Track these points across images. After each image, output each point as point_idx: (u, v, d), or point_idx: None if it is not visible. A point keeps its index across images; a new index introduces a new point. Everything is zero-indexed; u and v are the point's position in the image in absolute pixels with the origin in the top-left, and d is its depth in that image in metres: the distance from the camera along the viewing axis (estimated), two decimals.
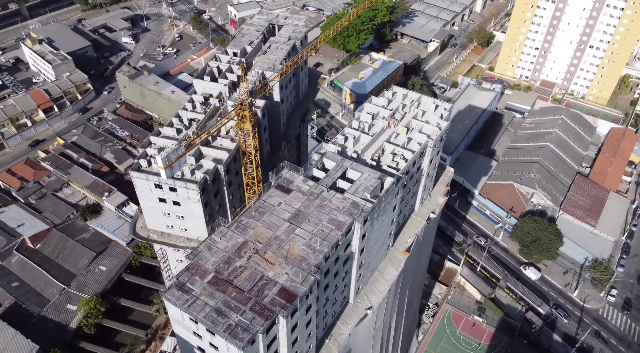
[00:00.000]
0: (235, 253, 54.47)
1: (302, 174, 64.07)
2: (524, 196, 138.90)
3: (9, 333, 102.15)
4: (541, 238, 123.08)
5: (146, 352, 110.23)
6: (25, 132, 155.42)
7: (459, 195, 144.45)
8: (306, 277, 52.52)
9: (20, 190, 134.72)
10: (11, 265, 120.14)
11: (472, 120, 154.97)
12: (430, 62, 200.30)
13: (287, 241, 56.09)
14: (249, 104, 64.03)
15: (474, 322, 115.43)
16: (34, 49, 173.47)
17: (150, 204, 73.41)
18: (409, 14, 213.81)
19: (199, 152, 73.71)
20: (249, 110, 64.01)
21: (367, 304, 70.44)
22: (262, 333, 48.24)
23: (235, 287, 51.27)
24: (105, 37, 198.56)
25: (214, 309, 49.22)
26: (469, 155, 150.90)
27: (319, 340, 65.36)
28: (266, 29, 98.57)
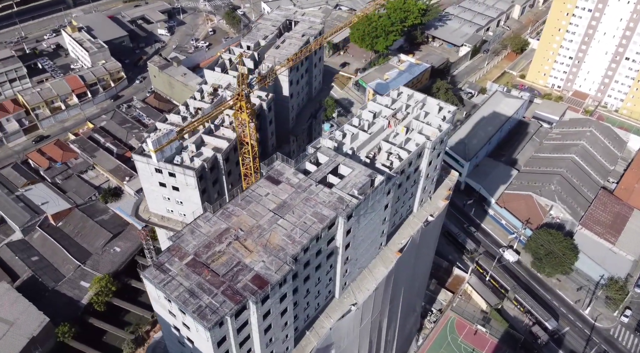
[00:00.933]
0: (216, 238, 56.05)
1: (293, 167, 65.09)
2: (543, 208, 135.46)
3: (23, 305, 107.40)
4: (555, 251, 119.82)
5: (150, 332, 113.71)
6: (59, 115, 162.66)
7: (475, 202, 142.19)
8: (281, 266, 53.53)
9: (48, 169, 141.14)
10: (33, 240, 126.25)
11: (495, 128, 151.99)
12: (460, 67, 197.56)
13: (269, 230, 57.25)
14: (246, 95, 65.48)
15: (476, 329, 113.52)
16: (74, 36, 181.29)
17: (151, 188, 76.10)
18: (442, 17, 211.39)
19: (201, 140, 75.86)
20: (245, 101, 65.46)
21: (352, 300, 70.85)
22: (230, 317, 49.56)
23: (211, 270, 52.81)
24: (142, 28, 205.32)
25: (187, 290, 50.90)
26: (489, 162, 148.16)
27: (300, 331, 66.31)
28: (282, 24, 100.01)
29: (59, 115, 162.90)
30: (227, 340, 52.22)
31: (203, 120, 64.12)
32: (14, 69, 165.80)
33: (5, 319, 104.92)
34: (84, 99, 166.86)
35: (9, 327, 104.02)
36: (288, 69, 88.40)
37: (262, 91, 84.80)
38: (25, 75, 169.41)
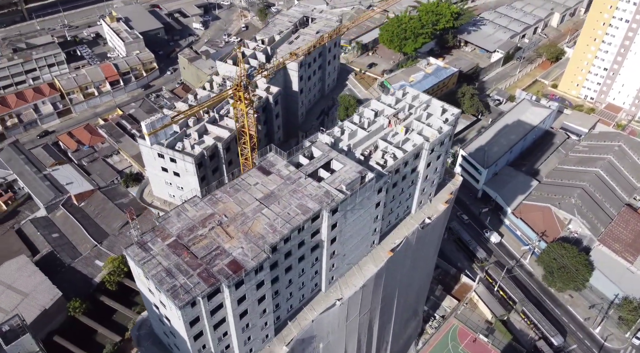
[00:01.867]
0: (200, 222, 57.83)
1: (285, 159, 66.25)
2: (561, 221, 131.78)
3: (39, 278, 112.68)
4: (568, 266, 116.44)
5: None
6: (91, 101, 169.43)
7: (490, 211, 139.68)
8: (259, 253, 54.75)
9: (76, 152, 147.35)
10: (55, 218, 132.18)
11: (519, 136, 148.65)
12: (491, 73, 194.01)
13: (252, 219, 58.61)
14: (244, 85, 67.10)
15: (475, 338, 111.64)
16: (112, 26, 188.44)
17: (154, 172, 78.88)
18: (476, 21, 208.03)
19: (204, 128, 78.06)
20: (244, 91, 67.11)
21: (338, 295, 71.40)
22: (202, 298, 51.12)
23: (191, 252, 54.58)
24: (178, 21, 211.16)
25: (164, 269, 52.83)
26: (509, 171, 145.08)
27: (282, 320, 67.33)
28: (299, 20, 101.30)
29: (92, 101, 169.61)
30: (200, 321, 53.82)
31: (199, 109, 66.15)
32: (53, 54, 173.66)
33: (21, 290, 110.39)
34: (116, 87, 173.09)
35: (23, 298, 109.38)
36: (298, 65, 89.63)
37: (272, 85, 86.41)
38: (64, 61, 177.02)
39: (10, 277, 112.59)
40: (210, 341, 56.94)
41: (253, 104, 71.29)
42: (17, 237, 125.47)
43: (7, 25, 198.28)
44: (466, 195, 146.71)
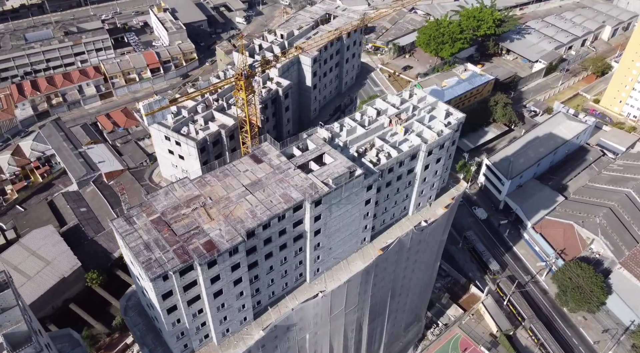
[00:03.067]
0: (185, 202, 60.44)
1: (279, 149, 67.93)
2: (583, 240, 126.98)
3: (62, 248, 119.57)
4: (582, 286, 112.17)
5: None
6: (132, 86, 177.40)
7: (510, 223, 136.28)
8: (235, 236, 56.69)
9: (111, 132, 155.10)
10: (85, 193, 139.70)
11: (548, 150, 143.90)
12: (531, 84, 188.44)
13: (235, 203, 60.66)
14: (245, 75, 69.29)
15: (478, 349, 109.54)
16: (158, 16, 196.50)
17: (162, 154, 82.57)
18: (520, 30, 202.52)
19: (211, 115, 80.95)
20: (244, 80, 69.32)
21: (322, 287, 72.37)
22: (174, 273, 53.59)
23: (171, 229, 57.23)
24: (222, 14, 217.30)
25: (144, 242, 55.72)
26: (535, 185, 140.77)
27: (262, 306, 69.03)
28: (321, 17, 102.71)
29: (132, 86, 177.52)
30: (174, 296, 56.32)
31: (196, 95, 68.89)
32: (101, 39, 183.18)
33: (44, 258, 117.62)
34: (156, 74, 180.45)
35: (45, 265, 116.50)
36: (312, 60, 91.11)
37: (285, 79, 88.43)
38: (111, 47, 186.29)
39: (36, 245, 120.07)
40: (184, 316, 59.45)
41: (254, 94, 73.46)
42: (48, 208, 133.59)
43: (63, 9, 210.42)
44: (487, 205, 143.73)
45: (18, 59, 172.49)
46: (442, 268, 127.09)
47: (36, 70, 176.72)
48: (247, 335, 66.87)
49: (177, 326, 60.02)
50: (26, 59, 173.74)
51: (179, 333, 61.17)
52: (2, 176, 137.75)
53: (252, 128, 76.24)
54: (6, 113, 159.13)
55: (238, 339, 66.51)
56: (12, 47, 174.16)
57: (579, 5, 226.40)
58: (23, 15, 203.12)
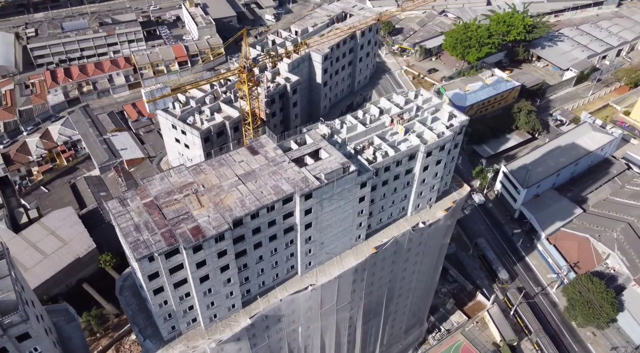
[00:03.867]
0: (179, 188, 62.32)
1: (276, 142, 69.11)
2: (598, 254, 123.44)
3: (79, 229, 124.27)
4: (592, 301, 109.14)
5: None
6: (160, 78, 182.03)
7: (523, 233, 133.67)
8: (221, 223, 58.18)
9: (135, 121, 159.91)
10: (106, 178, 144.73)
11: (569, 160, 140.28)
12: (560, 92, 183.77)
13: (227, 192, 62.14)
14: (247, 68, 70.81)
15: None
16: (190, 10, 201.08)
17: (170, 142, 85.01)
18: (553, 37, 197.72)
19: (218, 107, 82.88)
20: (246, 73, 70.85)
21: (313, 281, 73.15)
22: (159, 255, 55.43)
23: (161, 213, 59.18)
24: (252, 11, 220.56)
25: (134, 224, 57.84)
26: (553, 195, 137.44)
27: (252, 295, 70.31)
28: (337, 15, 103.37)
29: (160, 78, 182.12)
30: (160, 278, 58.23)
31: (197, 85, 70.75)
32: (133, 31, 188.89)
33: (62, 237, 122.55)
34: (183, 67, 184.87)
35: (62, 244, 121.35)
36: (322, 57, 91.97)
37: (293, 75, 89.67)
38: (142, 39, 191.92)
39: (55, 225, 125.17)
40: (171, 298, 61.34)
41: (257, 87, 74.90)
42: (70, 191, 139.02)
43: (101, 0, 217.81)
44: (502, 213, 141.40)
45: (54, 46, 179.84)
46: (449, 274, 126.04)
47: (70, 58, 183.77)
48: (235, 322, 68.33)
49: (164, 307, 61.97)
50: (62, 47, 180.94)
51: (166, 315, 63.15)
52: (30, 158, 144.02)
53: (255, 121, 77.70)
54: (39, 98, 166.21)
55: (225, 325, 68.04)
56: (49, 35, 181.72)
57: (617, 15, 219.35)
58: (62, 4, 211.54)
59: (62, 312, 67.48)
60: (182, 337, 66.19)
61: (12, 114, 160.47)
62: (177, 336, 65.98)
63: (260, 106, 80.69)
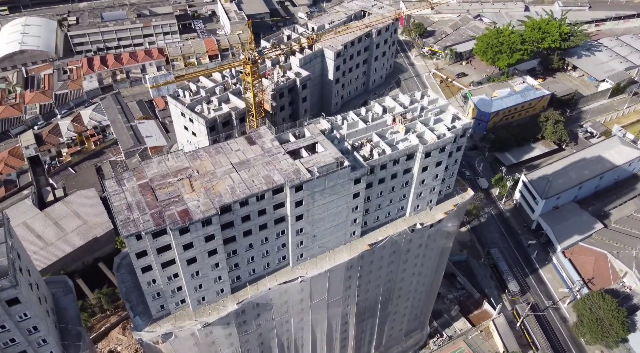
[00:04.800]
0: (174, 172, 64.44)
1: (273, 134, 70.38)
2: (615, 272, 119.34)
3: (99, 210, 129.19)
4: (602, 319, 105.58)
5: None
6: (190, 69, 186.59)
7: (539, 244, 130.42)
8: (209, 208, 59.87)
9: (162, 110, 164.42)
10: (130, 164, 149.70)
11: (594, 173, 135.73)
12: (593, 103, 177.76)
13: (219, 179, 63.82)
14: (252, 60, 72.39)
15: None
16: (224, 6, 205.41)
17: (179, 129, 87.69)
18: (591, 46, 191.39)
19: (227, 98, 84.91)
20: (251, 65, 72.45)
21: (304, 273, 74.01)
22: (147, 234, 57.55)
23: (154, 195, 61.39)
24: (286, 9, 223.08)
25: (127, 203, 60.27)
26: (573, 208, 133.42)
27: (242, 281, 71.78)
28: (356, 13, 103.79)
29: (190, 69, 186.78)
30: (148, 256, 60.40)
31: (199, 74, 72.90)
32: (169, 24, 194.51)
33: (82, 217, 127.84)
34: (214, 60, 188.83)
35: (82, 223, 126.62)
36: (335, 54, 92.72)
37: (304, 70, 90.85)
38: (177, 31, 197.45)
39: (77, 204, 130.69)
40: (159, 277, 63.51)
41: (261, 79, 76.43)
42: (95, 173, 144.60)
43: None
44: (519, 223, 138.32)
45: (93, 35, 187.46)
46: (457, 281, 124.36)
47: (108, 47, 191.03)
48: (222, 307, 69.99)
49: (152, 286, 64.19)
50: (100, 36, 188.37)
51: (155, 293, 65.39)
52: (60, 140, 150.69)
53: (258, 112, 79.23)
54: (75, 83, 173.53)
55: (213, 309, 69.80)
56: (89, 24, 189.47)
57: None
58: None
59: (61, 283, 70.82)
60: (170, 317, 68.35)
61: (49, 97, 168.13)
62: (166, 315, 68.17)
63: (266, 98, 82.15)
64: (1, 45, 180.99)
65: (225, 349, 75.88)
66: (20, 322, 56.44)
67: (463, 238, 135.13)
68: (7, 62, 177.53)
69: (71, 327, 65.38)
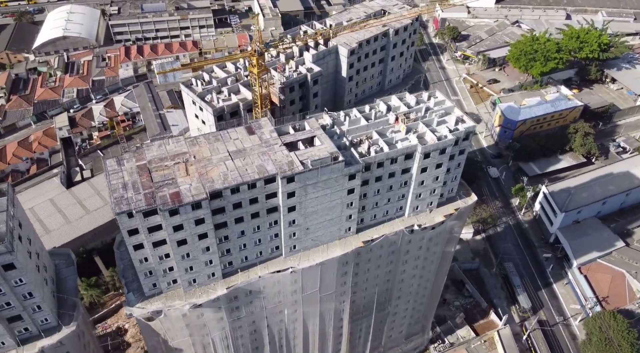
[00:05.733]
0: (172, 156, 66.70)
1: (273, 125, 71.69)
2: (632, 292, 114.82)
3: None
4: (611, 339, 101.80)
5: None
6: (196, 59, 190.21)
7: (554, 258, 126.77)
8: (200, 192, 61.74)
9: None
10: None
11: (620, 190, 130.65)
12: (630, 118, 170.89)
13: (214, 165, 65.63)
14: (258, 52, 74.01)
15: None
16: (260, 2, 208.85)
17: (191, 118, 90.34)
18: (632, 58, 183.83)
19: (237, 89, 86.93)
20: (257, 57, 74.10)
21: (296, 264, 75.00)
22: (137, 213, 59.90)
23: (150, 176, 63.78)
24: (321, 7, 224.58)
25: (123, 182, 62.88)
26: (594, 224, 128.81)
27: (234, 267, 73.36)
28: (376, 12, 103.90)
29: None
30: (139, 234, 62.74)
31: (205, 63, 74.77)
32: (205, 18, 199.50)
33: (105, 198, 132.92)
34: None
35: (104, 204, 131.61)
36: (349, 52, 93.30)
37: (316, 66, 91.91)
38: (212, 25, 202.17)
39: (102, 186, 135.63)
40: (150, 256, 65.85)
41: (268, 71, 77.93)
42: None
43: None
44: (537, 235, 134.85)
45: (132, 25, 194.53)
46: (466, 288, 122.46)
47: (146, 37, 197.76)
48: (212, 290, 71.85)
49: (144, 264, 66.61)
50: (139, 26, 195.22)
51: (147, 271, 67.82)
52: (92, 123, 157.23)
53: (265, 105, 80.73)
54: (112, 71, 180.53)
55: (203, 291, 71.75)
56: (129, 14, 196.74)
57: None
58: None
59: (64, 256, 74.51)
60: (161, 296, 70.71)
61: (86, 82, 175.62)
62: (157, 294, 70.56)
63: (274, 91, 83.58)
64: (46, 31, 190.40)
65: (216, 332, 77.70)
66: (15, 287, 59.95)
67: (476, 246, 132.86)
68: (50, 46, 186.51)
69: (67, 297, 68.69)
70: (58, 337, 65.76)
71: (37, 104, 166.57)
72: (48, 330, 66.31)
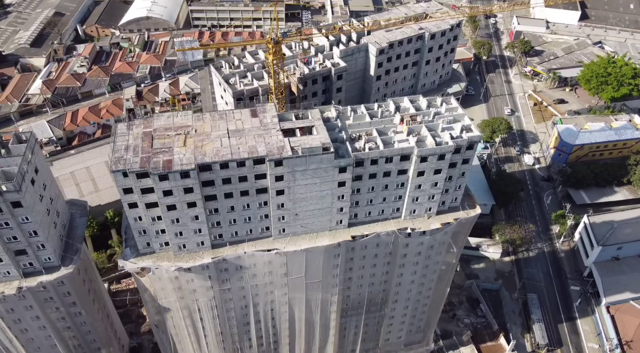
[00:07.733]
0: (176, 128, 71.77)
1: (276, 111, 74.66)
2: None
3: None
4: None
5: None
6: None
7: (584, 292, 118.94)
8: (190, 163, 66.16)
9: None
10: None
11: None
12: None
13: (210, 141, 69.84)
14: (274, 40, 77.30)
15: None
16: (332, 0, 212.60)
17: (218, 97, 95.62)
18: None
19: (261, 75, 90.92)
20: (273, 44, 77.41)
21: (282, 247, 77.56)
22: (131, 173, 65.34)
23: (151, 142, 69.23)
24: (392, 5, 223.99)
25: (126, 145, 68.79)
26: (635, 263, 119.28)
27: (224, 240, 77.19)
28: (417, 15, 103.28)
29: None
30: (133, 194, 68.29)
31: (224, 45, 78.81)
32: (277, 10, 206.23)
33: None
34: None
35: None
36: (377, 51, 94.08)
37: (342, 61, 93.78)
38: (283, 19, 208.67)
39: None
40: (143, 216, 71.33)
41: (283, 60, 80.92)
42: None
43: None
44: (571, 267, 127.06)
45: (209, 12, 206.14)
46: (480, 308, 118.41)
47: (221, 24, 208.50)
48: (200, 258, 76.31)
49: (138, 222, 72.17)
50: (215, 13, 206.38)
51: (141, 230, 73.39)
52: (156, 98, 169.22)
53: (280, 92, 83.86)
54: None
55: (191, 257, 76.32)
56: (208, 1, 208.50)
57: None
58: None
59: (80, 206, 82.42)
60: (153, 255, 76.16)
61: (159, 61, 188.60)
62: (150, 253, 76.14)
63: (293, 81, 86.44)
64: (133, 10, 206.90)
65: (204, 299, 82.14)
66: (22, 224, 67.82)
67: (502, 267, 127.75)
68: (134, 25, 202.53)
69: (72, 242, 76.19)
70: (57, 275, 73.25)
71: (113, 75, 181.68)
72: (50, 268, 74.04)
